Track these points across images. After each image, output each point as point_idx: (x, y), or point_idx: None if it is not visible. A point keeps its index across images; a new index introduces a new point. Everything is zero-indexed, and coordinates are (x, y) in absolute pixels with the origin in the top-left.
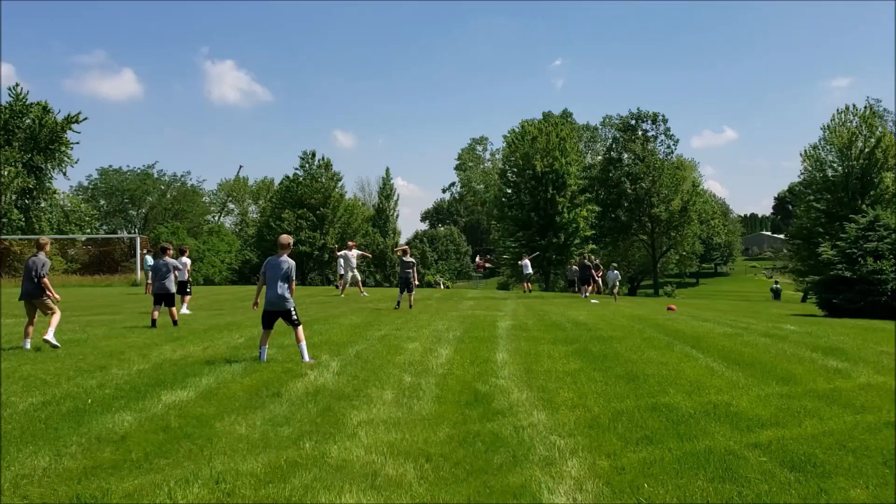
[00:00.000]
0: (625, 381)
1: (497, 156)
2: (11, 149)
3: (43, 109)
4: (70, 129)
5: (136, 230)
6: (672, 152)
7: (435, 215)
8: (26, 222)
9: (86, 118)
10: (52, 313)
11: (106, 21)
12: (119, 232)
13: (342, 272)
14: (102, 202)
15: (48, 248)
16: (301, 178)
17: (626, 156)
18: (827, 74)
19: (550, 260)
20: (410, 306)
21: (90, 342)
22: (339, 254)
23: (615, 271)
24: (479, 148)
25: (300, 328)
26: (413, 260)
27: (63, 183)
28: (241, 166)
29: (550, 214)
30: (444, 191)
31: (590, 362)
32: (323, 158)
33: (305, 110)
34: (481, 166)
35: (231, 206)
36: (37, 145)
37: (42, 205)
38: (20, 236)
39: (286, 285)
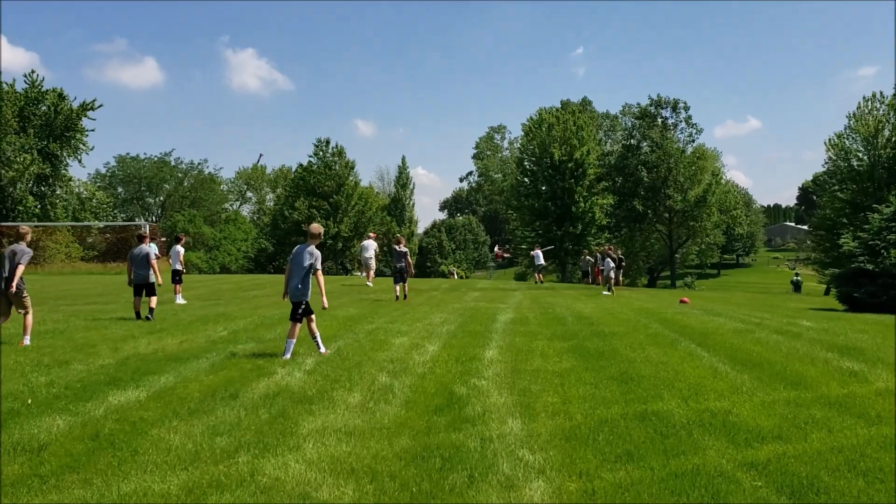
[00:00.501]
0: (617, 383)
1: (515, 144)
2: (27, 136)
3: (58, 96)
4: (86, 116)
5: (153, 218)
6: (693, 140)
7: (454, 205)
8: (41, 209)
9: (101, 105)
10: (27, 313)
11: (127, 10)
12: (137, 219)
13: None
14: (120, 190)
15: (29, 237)
16: (315, 166)
17: (644, 144)
18: (852, 63)
19: (567, 250)
20: (405, 297)
21: (66, 333)
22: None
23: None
24: (497, 136)
25: (313, 322)
26: (406, 250)
27: (79, 170)
28: (260, 155)
29: (567, 204)
30: (461, 180)
31: (584, 361)
32: (337, 146)
33: (326, 99)
34: (499, 155)
35: (249, 194)
36: (52, 132)
37: (58, 192)
38: (36, 223)
39: (307, 276)
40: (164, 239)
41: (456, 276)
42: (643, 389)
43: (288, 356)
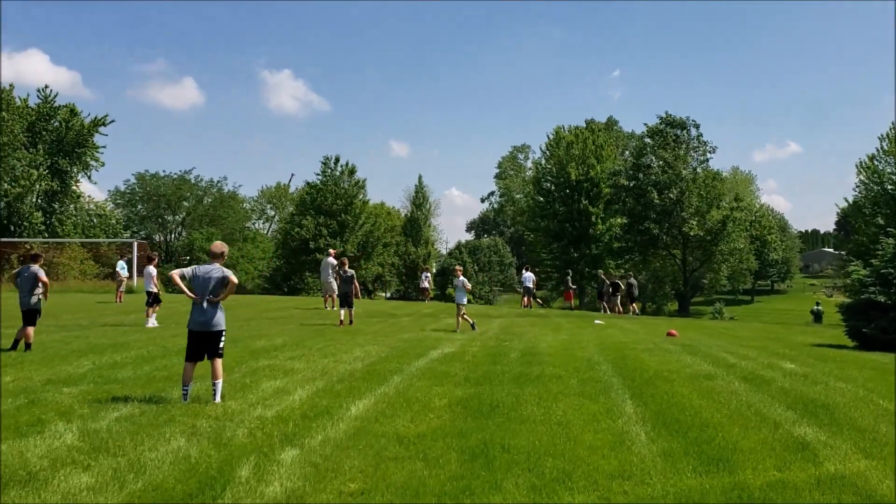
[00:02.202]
0: (467, 459)
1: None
2: (36, 151)
3: (70, 112)
4: (97, 132)
5: (171, 236)
6: (706, 161)
7: (481, 225)
8: (46, 226)
9: (112, 121)
10: None
11: (165, 30)
12: (155, 237)
13: (424, 285)
14: (140, 207)
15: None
16: (322, 184)
17: (655, 163)
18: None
19: (583, 273)
20: (351, 322)
21: None
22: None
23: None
24: (521, 156)
25: (219, 361)
26: (352, 273)
27: (97, 187)
28: (292, 175)
29: (584, 225)
30: (482, 200)
31: (462, 420)
32: (347, 164)
33: (361, 120)
34: (521, 175)
35: (271, 212)
36: (62, 148)
37: (71, 208)
38: (41, 239)
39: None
40: (186, 258)
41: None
42: (493, 472)
43: (187, 400)
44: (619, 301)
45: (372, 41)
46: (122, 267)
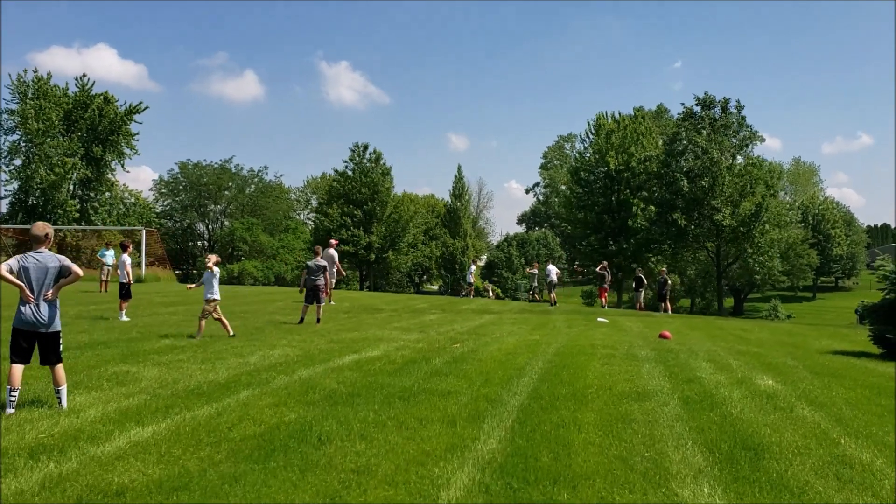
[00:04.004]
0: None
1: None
2: (71, 140)
3: (104, 100)
4: (132, 119)
5: (211, 226)
6: (747, 146)
7: (532, 218)
8: (81, 213)
9: (146, 107)
10: None
11: (225, 24)
12: (197, 226)
13: (470, 280)
14: (183, 196)
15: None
16: (350, 173)
17: (688, 149)
18: None
19: (620, 266)
20: (318, 320)
21: None
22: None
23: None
24: (567, 146)
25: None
26: (324, 263)
27: (141, 176)
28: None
29: (624, 217)
30: (527, 191)
31: (220, 465)
32: (374, 151)
33: (420, 112)
34: (567, 165)
35: (314, 202)
36: (97, 136)
37: (107, 196)
38: (76, 227)
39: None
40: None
41: (492, 295)
42: None
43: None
44: (641, 297)
45: (431, 33)
46: (104, 254)
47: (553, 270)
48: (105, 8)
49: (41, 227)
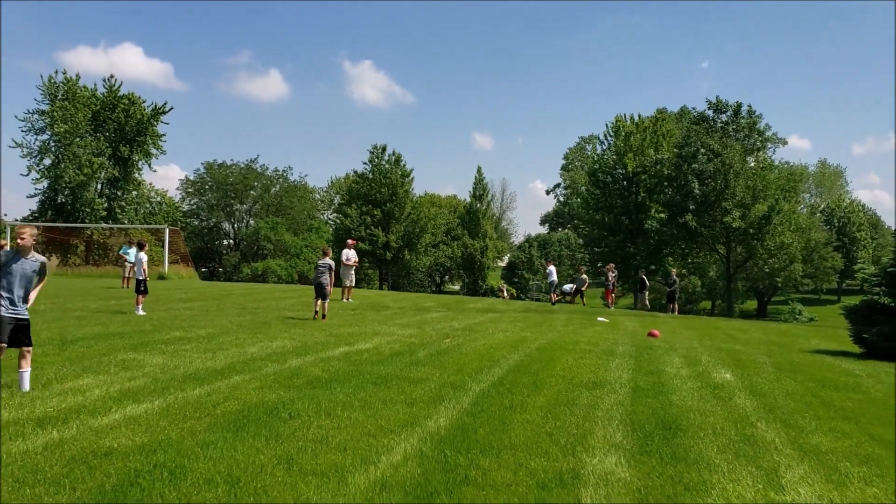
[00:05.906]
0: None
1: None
2: (98, 140)
3: (129, 101)
4: (159, 120)
5: (237, 225)
6: (760, 149)
7: (555, 219)
8: (108, 212)
9: (171, 108)
10: None
11: (249, 22)
12: (224, 226)
13: (554, 279)
14: (209, 196)
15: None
16: (369, 173)
17: (700, 152)
18: None
19: (636, 268)
20: (324, 316)
21: None
22: None
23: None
24: (589, 147)
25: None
26: (330, 262)
27: (155, 176)
28: None
29: (641, 219)
30: (547, 192)
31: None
32: (394, 153)
33: (444, 112)
34: (587, 167)
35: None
36: (124, 136)
37: (134, 195)
38: (103, 225)
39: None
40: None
41: (506, 295)
42: None
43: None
44: (646, 298)
45: (455, 32)
46: (126, 252)
47: (553, 271)
48: (130, 7)
49: (27, 230)
